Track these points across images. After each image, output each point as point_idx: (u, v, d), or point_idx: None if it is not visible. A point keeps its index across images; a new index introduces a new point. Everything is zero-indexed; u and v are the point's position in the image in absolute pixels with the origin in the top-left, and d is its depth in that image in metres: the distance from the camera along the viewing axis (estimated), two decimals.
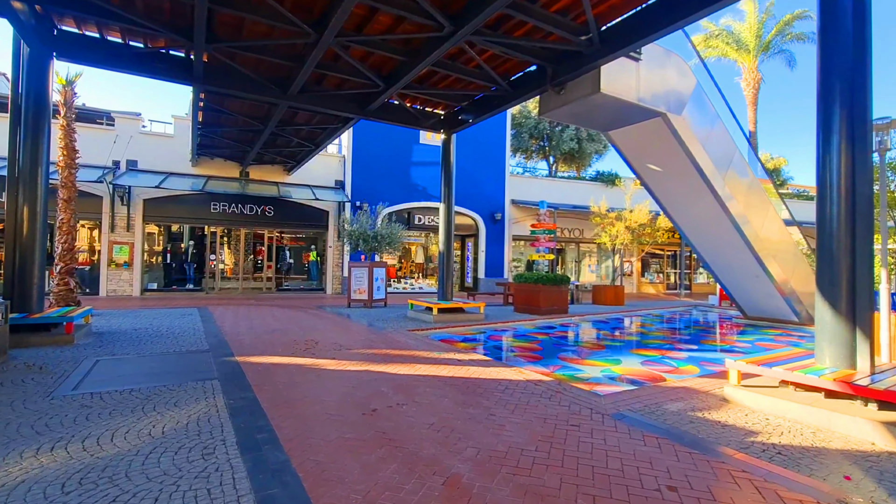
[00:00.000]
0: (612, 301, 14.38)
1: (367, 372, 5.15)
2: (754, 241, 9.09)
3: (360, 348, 6.54)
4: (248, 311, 10.91)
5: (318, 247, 18.01)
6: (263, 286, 16.87)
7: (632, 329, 10.12)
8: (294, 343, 6.82)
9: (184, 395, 4.17)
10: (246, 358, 5.73)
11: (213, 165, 15.65)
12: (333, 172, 17.34)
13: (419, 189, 18.13)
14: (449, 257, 10.35)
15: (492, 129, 19.30)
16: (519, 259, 20.79)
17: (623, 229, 14.27)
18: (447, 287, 10.31)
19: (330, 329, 8.32)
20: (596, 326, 10.19)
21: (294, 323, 9.05)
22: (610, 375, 5.68)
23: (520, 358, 6.62)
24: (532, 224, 11.85)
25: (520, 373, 5.25)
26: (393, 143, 17.69)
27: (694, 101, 7.99)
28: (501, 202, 19.46)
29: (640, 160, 8.86)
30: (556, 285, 11.34)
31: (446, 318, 9.55)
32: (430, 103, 10.00)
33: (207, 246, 15.95)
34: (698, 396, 4.44)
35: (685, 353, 7.25)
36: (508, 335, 8.67)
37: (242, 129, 11.74)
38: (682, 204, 9.33)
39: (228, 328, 8.19)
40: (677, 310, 14.21)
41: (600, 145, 22.59)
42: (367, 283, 12.13)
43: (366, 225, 12.50)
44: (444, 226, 10.32)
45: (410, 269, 19.65)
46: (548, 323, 10.31)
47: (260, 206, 16.18)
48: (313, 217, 16.99)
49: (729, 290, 10.89)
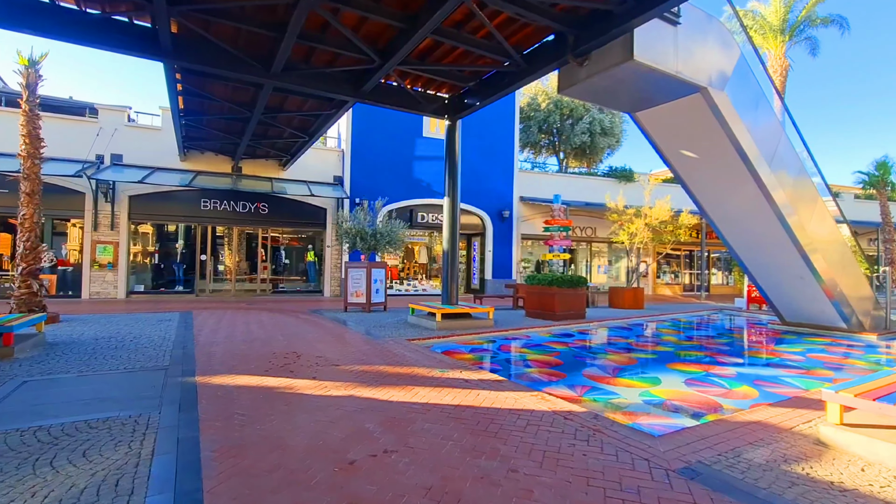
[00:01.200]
0: (631, 304, 13.28)
1: (351, 399, 4.13)
2: (801, 236, 7.98)
3: (349, 364, 5.51)
4: (234, 316, 9.93)
5: (315, 247, 17.05)
6: (258, 288, 15.92)
7: (660, 337, 9.03)
8: (273, 357, 5.81)
9: (105, 436, 3.16)
10: (208, 378, 4.72)
11: (202, 160, 14.72)
12: (331, 168, 16.37)
13: (422, 185, 17.11)
14: (454, 257, 9.32)
15: (499, 123, 18.26)
16: (528, 259, 19.72)
17: (642, 227, 13.17)
18: (452, 290, 9.28)
19: (319, 338, 7.31)
20: (619, 334, 9.10)
21: (281, 330, 8.06)
22: (652, 401, 4.61)
23: (538, 375, 5.57)
24: (546, 220, 10.79)
25: (542, 399, 4.20)
26: (394, 136, 16.69)
27: (738, 76, 6.91)
28: (509, 199, 18.40)
29: (671, 145, 7.78)
30: (573, 287, 10.27)
31: (451, 325, 8.51)
32: (432, 84, 8.97)
33: (198, 245, 15.01)
34: (783, 438, 3.37)
35: (732, 369, 6.16)
36: (521, 345, 7.62)
37: (229, 118, 10.77)
38: (719, 195, 8.23)
39: (204, 337, 7.21)
40: (702, 314, 13.08)
41: (613, 139, 21.46)
42: (365, 285, 11.13)
43: (364, 222, 11.50)
44: (449, 223, 9.29)
45: (414, 270, 18.63)
46: (564, 330, 9.25)
47: (253, 203, 15.23)
48: (310, 215, 16.02)
49: (766, 292, 9.77)
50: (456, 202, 9.29)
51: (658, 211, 13.32)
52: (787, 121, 7.93)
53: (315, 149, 16.53)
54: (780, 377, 5.77)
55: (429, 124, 17.16)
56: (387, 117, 16.43)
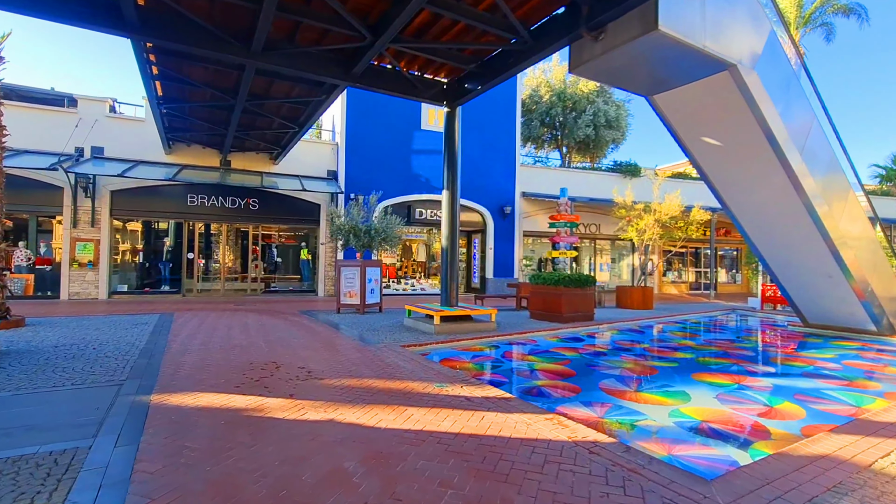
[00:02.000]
0: (640, 304, 12.62)
1: (332, 424, 3.45)
2: (832, 231, 7.31)
3: (335, 376, 4.83)
4: (217, 319, 9.24)
5: (309, 244, 16.36)
6: (249, 288, 15.23)
7: (676, 341, 8.36)
8: (249, 368, 5.13)
9: (7, 484, 2.48)
10: (166, 397, 4.04)
11: (189, 153, 14.01)
12: (325, 161, 15.66)
13: (421, 180, 16.41)
14: (453, 255, 8.64)
15: (500, 115, 17.56)
16: (530, 257, 19.05)
17: (652, 223, 12.48)
18: (451, 290, 8.60)
19: (306, 344, 6.62)
20: (632, 338, 8.43)
21: (265, 335, 7.38)
22: (686, 423, 3.94)
23: (550, 390, 4.89)
24: (551, 216, 10.10)
25: (559, 424, 3.52)
26: (391, 128, 15.98)
27: (769, 54, 6.22)
28: (511, 195, 17.71)
29: (692, 132, 7.09)
30: (581, 287, 9.60)
31: (450, 329, 7.83)
32: (430, 67, 8.27)
33: (185, 243, 14.31)
34: (866, 481, 2.69)
35: (766, 381, 5.49)
36: (528, 351, 6.94)
37: (212, 106, 10.06)
38: (744, 187, 7.55)
39: (178, 343, 6.52)
40: (715, 315, 12.42)
41: (618, 133, 20.73)
42: (359, 285, 10.44)
43: (358, 218, 10.80)
44: (448, 218, 8.60)
45: (412, 269, 17.96)
46: (573, 333, 8.57)
47: (243, 199, 14.53)
48: (304, 211, 15.32)
49: (789, 293, 9.10)
50: (456, 196, 8.60)
51: (668, 206, 12.64)
52: (818, 105, 7.24)
53: (308, 142, 15.85)
54: (821, 390, 5.10)
55: (427, 116, 16.45)
56: (383, 108, 15.73)
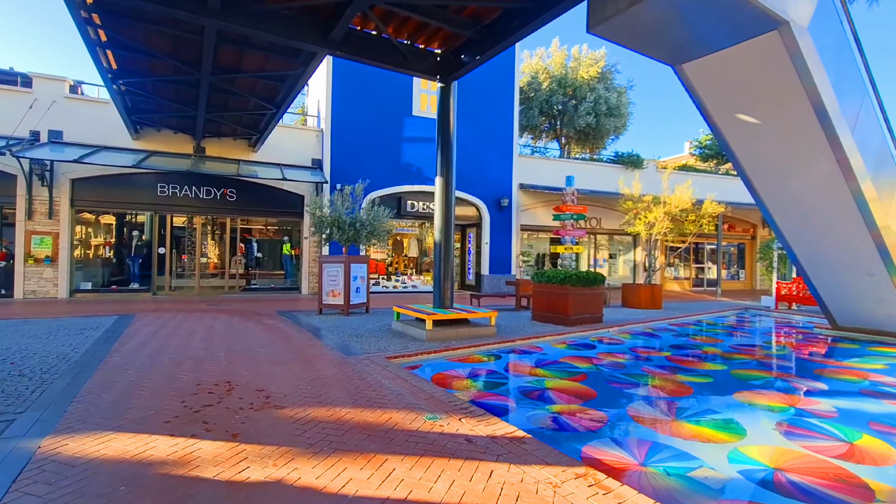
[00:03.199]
0: (648, 304, 11.73)
1: (278, 489, 2.45)
2: (880, 222, 6.41)
3: (299, 404, 3.83)
4: (181, 322, 8.19)
5: (293, 239, 15.27)
6: (227, 285, 14.14)
7: (700, 348, 7.44)
8: (193, 392, 4.11)
9: None
10: (64, 441, 3.01)
11: (159, 139, 12.84)
12: (309, 150, 14.55)
13: (412, 170, 15.36)
14: (447, 250, 7.65)
15: (497, 102, 16.52)
16: (527, 253, 18.10)
17: (662, 216, 11.56)
18: (445, 289, 7.61)
19: (274, 355, 5.61)
20: (649, 344, 7.50)
21: (230, 342, 6.35)
22: (756, 473, 2.99)
23: (568, 418, 3.93)
24: (556, 207, 9.12)
25: (597, 485, 2.55)
26: (380, 114, 14.89)
27: (821, 14, 5.26)
28: (508, 186, 16.71)
29: (725, 107, 6.12)
30: (589, 286, 8.65)
31: (444, 335, 6.85)
32: (422, 33, 7.22)
33: (156, 237, 13.17)
34: None
35: (824, 402, 4.57)
36: (535, 363, 5.97)
37: (177, 82, 8.94)
38: (781, 170, 6.61)
39: (121, 356, 5.48)
40: (729, 315, 11.56)
41: (619, 121, 19.76)
42: (343, 283, 9.42)
43: (342, 209, 9.75)
44: (442, 209, 7.60)
45: (403, 264, 16.95)
46: (582, 338, 7.63)
47: (219, 189, 13.40)
48: (286, 203, 14.23)
49: (819, 291, 8.21)
50: (450, 184, 7.59)
51: (679, 198, 11.72)
52: (867, 79, 6.31)
53: (290, 128, 14.76)
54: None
55: (419, 101, 15.38)
56: (372, 92, 14.65)
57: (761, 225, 21.41)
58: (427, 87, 15.49)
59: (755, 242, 21.81)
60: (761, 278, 21.70)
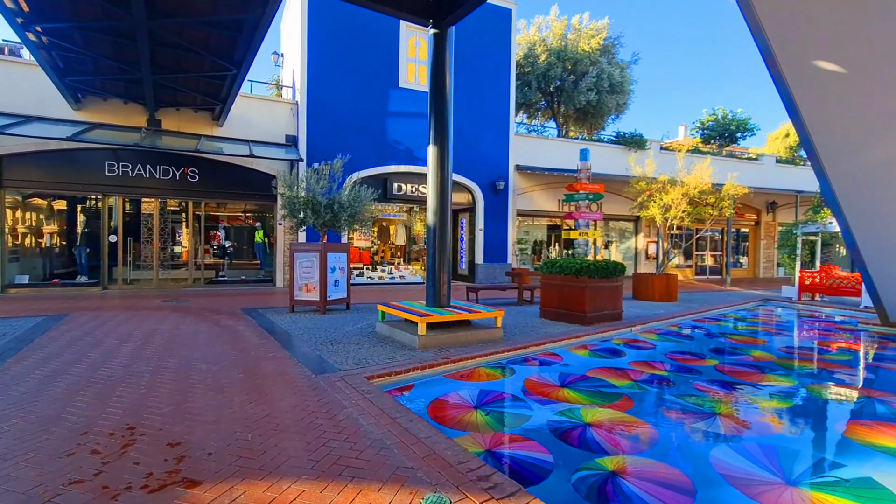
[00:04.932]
0: (663, 296, 10.55)
1: None
2: None
3: (223, 475, 2.46)
4: (118, 325, 6.71)
5: (266, 225, 13.73)
6: (191, 277, 12.58)
7: (747, 352, 6.22)
8: (72, 448, 2.71)
9: None
10: None
11: (106, 110, 11.13)
12: (283, 124, 12.94)
13: (400, 149, 13.87)
14: (443, 235, 6.27)
15: (492, 76, 15.03)
16: (523, 240, 16.83)
17: (680, 198, 10.32)
18: (441, 283, 6.25)
19: (217, 374, 4.21)
20: (685, 348, 6.27)
21: (164, 355, 4.92)
22: None
23: (637, 486, 2.62)
24: (568, 186, 7.78)
25: None
26: (363, 85, 13.32)
27: None
28: (504, 168, 15.33)
29: (800, 50, 4.82)
30: (608, 278, 7.38)
31: (441, 340, 5.52)
32: None
33: (105, 223, 11.53)
34: None
35: None
36: (558, 378, 4.67)
37: (114, 34, 7.32)
38: (858, 138, 5.35)
39: (9, 377, 4.02)
40: (754, 308, 10.46)
41: (622, 98, 18.40)
42: (319, 276, 8.00)
43: (317, 189, 8.28)
44: (437, 183, 6.20)
45: (389, 253, 15.53)
46: (604, 341, 6.38)
47: (179, 169, 11.77)
48: (258, 185, 12.65)
49: (876, 282, 7.06)
50: (445, 153, 6.19)
51: (698, 178, 10.48)
52: None
53: (259, 99, 13.13)
54: None
55: (406, 71, 13.83)
56: (352, 61, 13.08)
57: (765, 210, 20.48)
58: (415, 56, 13.94)
59: (758, 229, 20.88)
60: (765, 265, 20.82)
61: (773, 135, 24.55)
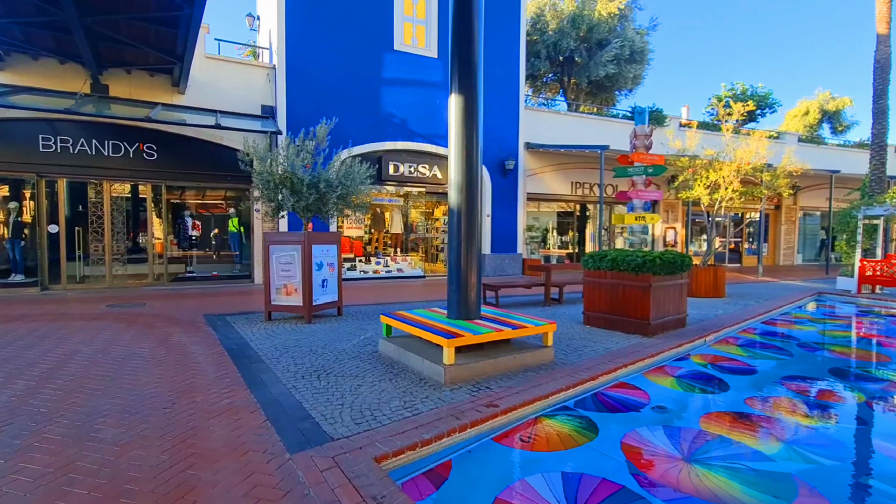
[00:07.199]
0: (711, 291, 8.99)
1: None
2: None
3: None
4: (31, 344, 4.91)
5: (241, 211, 11.85)
6: (152, 274, 10.69)
7: (876, 372, 4.64)
8: None
9: None
10: None
11: (37, 71, 9.10)
12: (258, 93, 11.00)
13: (394, 122, 12.03)
14: (471, 220, 4.55)
15: (500, 44, 13.19)
16: (533, 227, 15.16)
17: (731, 174, 8.70)
18: (468, 285, 4.54)
19: (121, 457, 2.48)
20: (793, 370, 4.67)
21: (65, 409, 3.17)
22: None
23: None
24: (621, 157, 6.05)
25: None
26: (351, 48, 11.40)
27: None
28: (514, 145, 13.58)
29: None
30: (674, 275, 5.75)
31: (475, 371, 3.85)
32: None
33: (43, 210, 9.57)
34: None
35: None
36: (665, 438, 3.02)
37: None
38: None
39: None
40: (819, 304, 8.96)
41: (640, 68, 16.60)
42: (301, 274, 6.24)
43: (298, 163, 6.46)
44: (461, 147, 4.46)
45: (383, 243, 13.76)
46: (682, 359, 4.78)
47: (132, 144, 9.81)
48: (228, 163, 10.64)
49: None
50: (474, 102, 4.45)
51: (752, 152, 8.86)
52: None
53: (229, 61, 11.13)
54: None
55: (402, 31, 11.92)
56: (339, 17, 11.17)
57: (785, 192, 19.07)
58: (412, 14, 12.02)
59: (779, 213, 19.49)
60: (785, 252, 19.48)
61: (792, 112, 23.08)
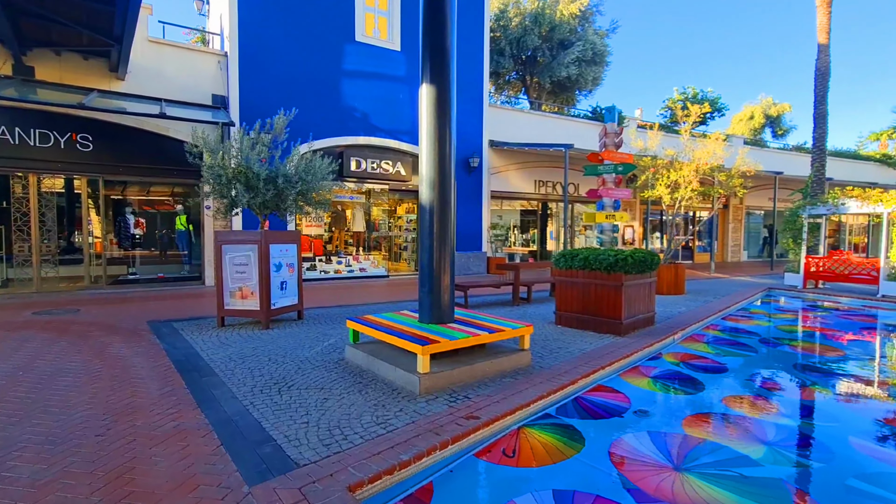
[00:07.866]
0: (671, 288, 9.21)
1: None
2: None
3: None
4: None
5: (190, 209, 11.05)
6: (89, 276, 9.77)
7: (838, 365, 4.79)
8: None
9: None
10: None
11: None
12: (208, 81, 10.27)
13: (356, 116, 11.60)
14: (444, 216, 4.34)
15: (464, 39, 13.00)
16: (498, 225, 15.15)
17: (691, 174, 8.92)
18: (442, 286, 4.31)
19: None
20: (761, 363, 4.75)
21: None
22: None
23: None
24: (591, 155, 6.01)
25: None
26: (309, 37, 10.88)
27: None
28: (478, 142, 13.47)
29: None
30: (644, 274, 5.75)
31: (451, 378, 3.63)
32: None
33: None
34: None
35: None
36: (651, 445, 2.91)
37: None
38: None
39: None
40: (775, 298, 9.35)
41: (600, 70, 16.91)
42: (258, 276, 5.78)
43: (253, 156, 5.98)
44: (433, 139, 4.24)
45: (344, 242, 13.28)
46: (655, 359, 4.75)
47: (64, 134, 8.90)
48: (175, 157, 9.91)
49: None
50: (447, 90, 4.26)
51: (709, 153, 9.12)
52: None
53: (176, 46, 10.32)
54: None
55: (364, 23, 11.49)
56: (294, 1, 10.58)
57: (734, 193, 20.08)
58: (374, 5, 11.62)
59: (727, 212, 20.50)
60: (732, 249, 20.52)
61: (738, 116, 24.40)
